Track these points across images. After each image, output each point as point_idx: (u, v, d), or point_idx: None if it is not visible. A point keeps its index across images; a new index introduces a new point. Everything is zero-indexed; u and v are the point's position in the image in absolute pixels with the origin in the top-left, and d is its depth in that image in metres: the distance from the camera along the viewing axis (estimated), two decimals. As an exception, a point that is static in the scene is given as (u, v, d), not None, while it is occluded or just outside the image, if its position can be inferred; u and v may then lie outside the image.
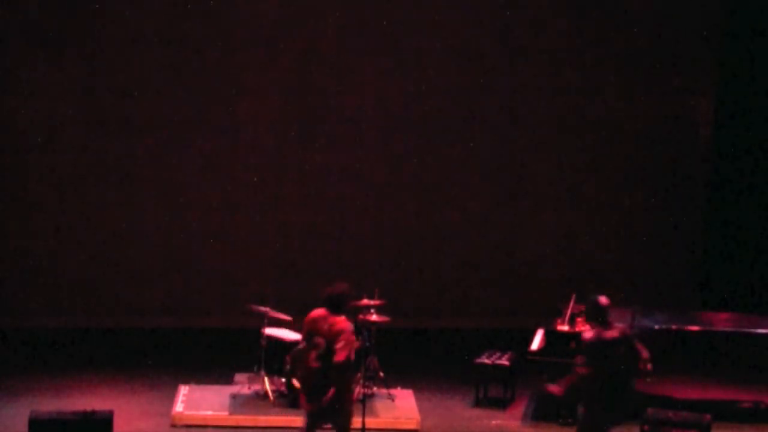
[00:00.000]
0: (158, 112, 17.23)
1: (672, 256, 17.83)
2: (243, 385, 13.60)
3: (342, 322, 10.78)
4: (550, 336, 13.19)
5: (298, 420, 12.78)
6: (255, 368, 13.51)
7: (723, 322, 13.75)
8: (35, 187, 17.21)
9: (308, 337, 10.85)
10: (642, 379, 10.94)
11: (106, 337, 16.66)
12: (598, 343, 10.72)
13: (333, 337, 10.69)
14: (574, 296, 13.86)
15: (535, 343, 13.26)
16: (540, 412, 13.46)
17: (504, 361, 13.80)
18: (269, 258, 17.55)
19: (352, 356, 10.85)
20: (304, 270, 17.47)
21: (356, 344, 11.03)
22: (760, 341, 13.23)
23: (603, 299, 10.84)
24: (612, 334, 10.76)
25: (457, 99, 17.54)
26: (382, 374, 13.53)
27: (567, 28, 17.54)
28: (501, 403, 13.72)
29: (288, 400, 13.12)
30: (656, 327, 13.25)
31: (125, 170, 17.28)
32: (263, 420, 12.90)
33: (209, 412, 13.02)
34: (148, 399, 13.84)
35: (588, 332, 10.93)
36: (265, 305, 13.47)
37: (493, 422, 13.25)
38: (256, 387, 13.45)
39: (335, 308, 10.84)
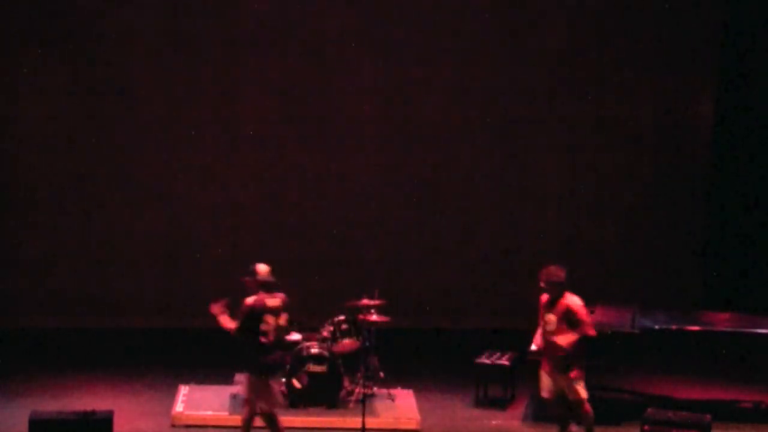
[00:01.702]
0: (158, 112, 17.24)
1: (672, 256, 17.83)
2: (243, 385, 13.58)
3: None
4: (550, 336, 13.15)
5: (297, 420, 12.83)
6: (255, 368, 13.49)
7: (723, 322, 13.76)
8: (35, 187, 17.22)
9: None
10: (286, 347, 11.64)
11: (106, 337, 16.66)
12: (259, 308, 11.18)
13: None
14: (574, 296, 13.85)
15: (535, 343, 13.24)
16: (540, 412, 13.46)
17: (504, 361, 13.80)
18: (269, 258, 17.51)
19: None
20: (305, 270, 17.47)
21: None
22: (760, 341, 13.23)
23: (260, 267, 11.48)
24: (273, 302, 11.27)
25: (457, 99, 17.55)
26: (382, 374, 13.53)
27: (567, 28, 17.55)
28: (501, 403, 13.72)
29: (288, 400, 13.12)
30: (656, 327, 13.25)
31: (125, 170, 17.28)
32: (263, 420, 12.90)
33: (209, 412, 13.02)
34: (148, 399, 13.84)
35: (250, 298, 11.32)
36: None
37: (493, 422, 13.25)
38: (256, 387, 13.43)
39: None
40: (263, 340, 11.17)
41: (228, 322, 11.44)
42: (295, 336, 13.55)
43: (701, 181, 17.83)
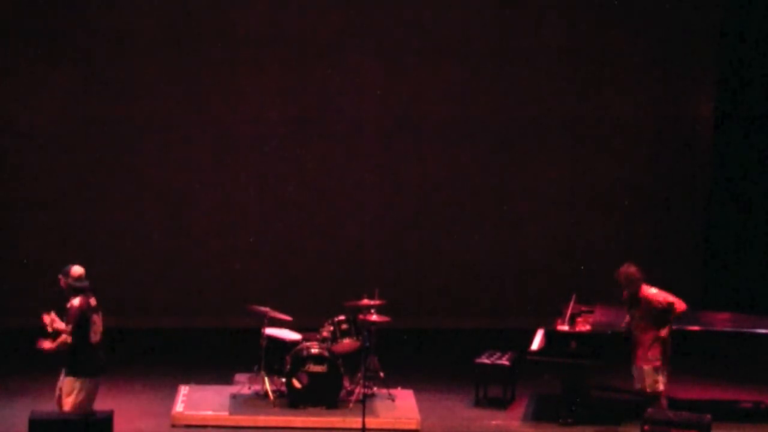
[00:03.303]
0: (158, 112, 17.24)
1: (672, 257, 17.83)
2: (243, 385, 13.60)
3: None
4: (550, 336, 13.18)
5: (297, 420, 12.82)
6: (255, 368, 13.51)
7: (723, 322, 13.76)
8: (35, 187, 17.21)
9: None
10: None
11: (105, 337, 16.59)
12: (87, 310, 11.32)
13: None
14: (574, 296, 13.88)
15: (535, 343, 13.25)
16: (540, 413, 13.47)
17: (504, 361, 13.80)
18: (269, 258, 17.55)
19: None
20: (304, 270, 17.48)
21: None
22: (760, 341, 13.23)
23: (75, 269, 11.61)
24: (93, 300, 11.41)
25: (457, 99, 17.55)
26: (382, 374, 13.53)
27: (566, 28, 17.54)
28: (501, 403, 13.71)
29: (288, 400, 13.12)
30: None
31: (125, 170, 17.28)
32: (263, 420, 12.90)
33: (209, 412, 13.02)
34: (148, 399, 13.83)
35: (75, 300, 11.43)
36: (265, 305, 13.47)
37: (493, 422, 13.24)
38: (256, 387, 13.44)
39: None
40: (93, 339, 11.26)
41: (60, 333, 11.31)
42: (295, 335, 13.56)
43: (701, 181, 17.83)
